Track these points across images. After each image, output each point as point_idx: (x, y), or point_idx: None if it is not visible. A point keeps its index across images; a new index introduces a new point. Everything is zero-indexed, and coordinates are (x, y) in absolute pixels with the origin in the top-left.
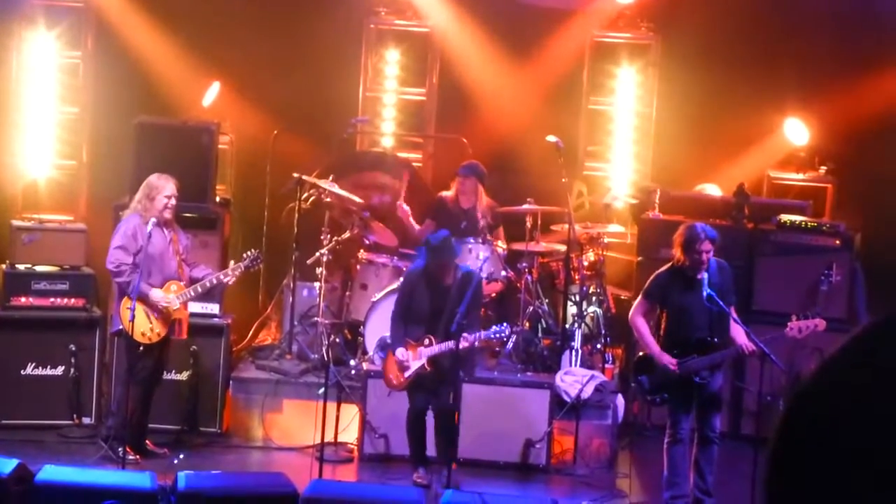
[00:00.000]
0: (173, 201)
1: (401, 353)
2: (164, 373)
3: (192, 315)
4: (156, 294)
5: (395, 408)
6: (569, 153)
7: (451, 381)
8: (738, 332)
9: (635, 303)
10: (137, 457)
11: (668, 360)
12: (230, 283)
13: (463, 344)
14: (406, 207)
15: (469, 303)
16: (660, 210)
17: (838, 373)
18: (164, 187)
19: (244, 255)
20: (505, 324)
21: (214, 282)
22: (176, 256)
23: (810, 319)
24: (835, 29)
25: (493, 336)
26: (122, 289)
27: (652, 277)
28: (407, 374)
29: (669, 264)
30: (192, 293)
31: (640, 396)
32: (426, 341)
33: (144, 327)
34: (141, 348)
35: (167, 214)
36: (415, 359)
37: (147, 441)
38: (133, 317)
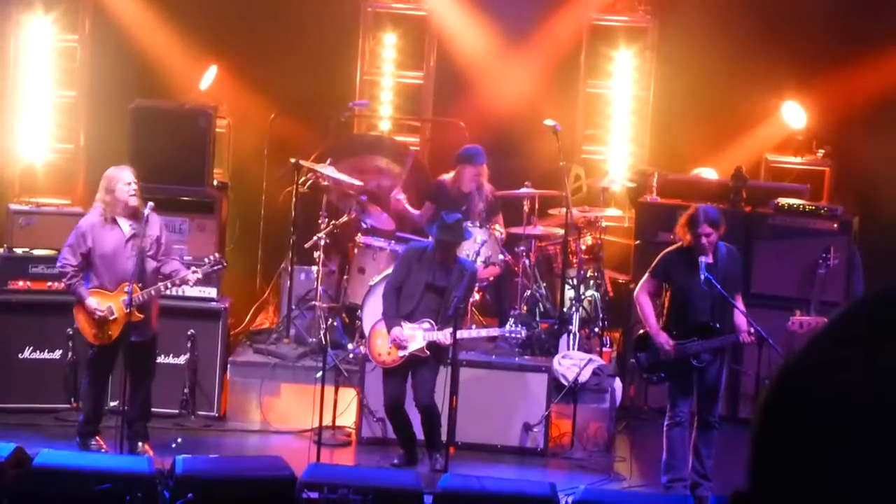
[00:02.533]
0: (134, 187)
1: (398, 332)
2: (144, 370)
3: (190, 299)
4: (90, 303)
5: None
6: (566, 137)
7: (435, 371)
8: (740, 318)
9: (642, 280)
10: (104, 446)
11: (664, 341)
12: (190, 285)
13: (468, 334)
14: (401, 196)
15: (464, 292)
16: (657, 193)
17: (826, 348)
18: (121, 176)
19: (205, 260)
20: (522, 325)
21: (169, 285)
22: (135, 254)
23: (813, 317)
24: (832, 12)
25: (507, 333)
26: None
27: (659, 256)
28: (402, 353)
29: (678, 244)
30: (143, 297)
31: (638, 373)
32: (426, 324)
33: (94, 328)
34: (94, 349)
35: (133, 202)
36: (412, 340)
37: (98, 437)
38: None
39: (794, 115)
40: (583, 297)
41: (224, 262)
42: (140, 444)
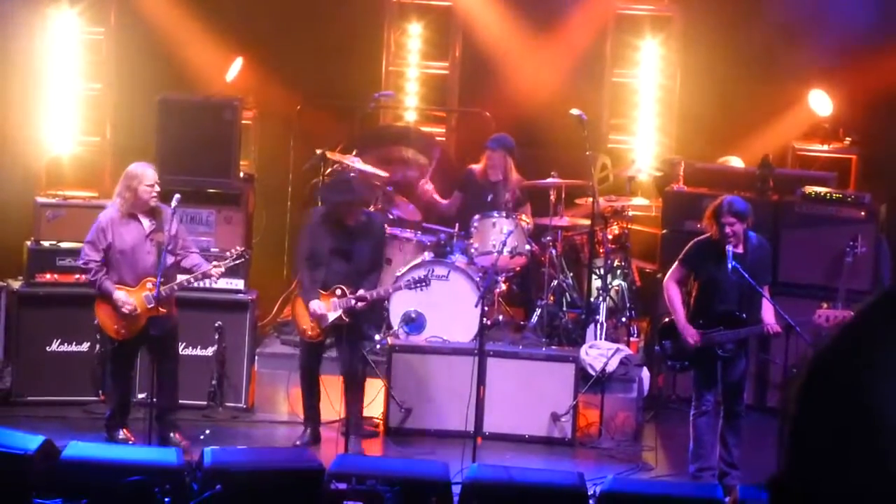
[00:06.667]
0: (157, 188)
1: (317, 305)
2: (169, 361)
3: (217, 291)
4: (119, 296)
5: (421, 382)
6: (592, 126)
7: (357, 337)
8: (767, 310)
9: (671, 268)
10: (131, 437)
11: (691, 333)
12: (214, 279)
13: (360, 302)
14: (429, 187)
15: (371, 249)
16: (684, 182)
17: (862, 334)
18: (144, 175)
19: (228, 253)
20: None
21: (193, 281)
22: (155, 249)
23: (840, 311)
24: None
25: (395, 288)
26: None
27: (690, 244)
28: (324, 325)
29: (708, 234)
30: (167, 291)
31: (662, 361)
32: (338, 291)
33: (117, 324)
34: (115, 344)
35: (153, 203)
36: (330, 310)
37: (125, 430)
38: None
39: (820, 102)
40: (610, 286)
41: (247, 255)
42: (172, 434)
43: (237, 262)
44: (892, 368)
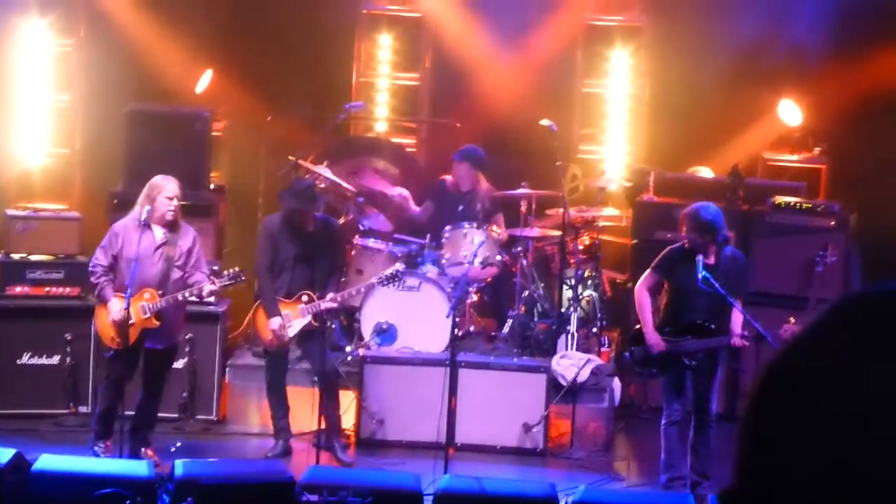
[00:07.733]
0: (176, 202)
1: (276, 323)
2: (156, 379)
3: (188, 303)
4: (113, 305)
5: (392, 393)
6: (563, 136)
7: (322, 336)
8: (737, 323)
9: (644, 275)
10: (108, 452)
11: (655, 341)
12: (205, 295)
13: (330, 304)
14: (405, 192)
15: (337, 254)
16: (654, 192)
17: (814, 345)
18: (164, 187)
19: (224, 273)
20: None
21: (187, 295)
22: (163, 262)
23: None
24: (828, 9)
25: (367, 286)
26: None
27: (663, 252)
28: (292, 333)
29: (682, 242)
30: (161, 304)
31: (629, 367)
32: (304, 297)
33: (112, 331)
34: (111, 353)
35: (169, 216)
36: (298, 317)
37: (107, 443)
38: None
39: (790, 112)
40: (581, 297)
41: (244, 276)
42: (143, 449)
43: (231, 282)
44: (845, 376)
